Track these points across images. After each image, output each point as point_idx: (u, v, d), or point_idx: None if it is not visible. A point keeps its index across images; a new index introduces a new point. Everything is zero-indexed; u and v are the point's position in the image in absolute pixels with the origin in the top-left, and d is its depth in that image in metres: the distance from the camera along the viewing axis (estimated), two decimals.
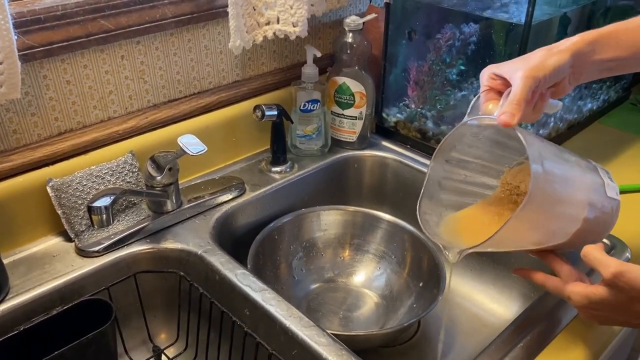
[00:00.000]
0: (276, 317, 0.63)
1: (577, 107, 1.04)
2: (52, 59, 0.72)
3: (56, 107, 0.74)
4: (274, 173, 0.91)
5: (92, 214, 0.64)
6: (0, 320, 0.64)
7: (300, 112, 0.92)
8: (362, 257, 0.89)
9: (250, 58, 0.93)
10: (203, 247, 0.74)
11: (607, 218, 0.59)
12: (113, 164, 0.77)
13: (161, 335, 0.79)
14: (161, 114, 0.83)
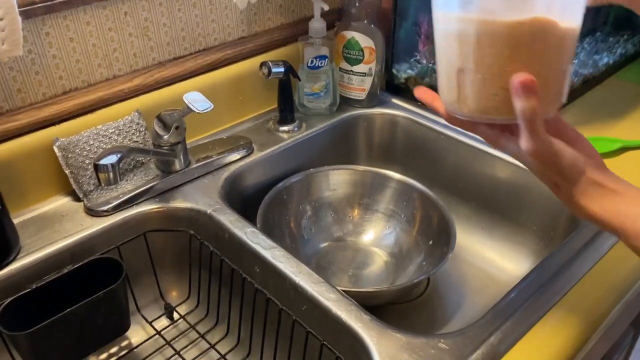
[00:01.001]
0: (286, 274, 0.63)
1: (593, 62, 1.01)
2: (54, 15, 0.70)
3: (60, 66, 0.73)
4: (281, 132, 0.90)
5: (99, 172, 0.64)
6: (12, 278, 0.65)
7: (308, 68, 0.90)
8: (371, 216, 0.88)
9: (256, 13, 0.90)
10: (212, 206, 0.74)
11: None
12: (120, 123, 0.76)
13: (172, 292, 0.80)
14: (167, 71, 0.81)
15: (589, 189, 0.46)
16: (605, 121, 0.92)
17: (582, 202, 0.46)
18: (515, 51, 0.43)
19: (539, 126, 0.43)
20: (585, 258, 0.65)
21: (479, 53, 0.44)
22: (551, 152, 0.44)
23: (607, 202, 0.45)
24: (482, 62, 0.44)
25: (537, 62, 0.43)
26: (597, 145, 0.84)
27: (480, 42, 0.44)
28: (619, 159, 0.83)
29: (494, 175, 0.85)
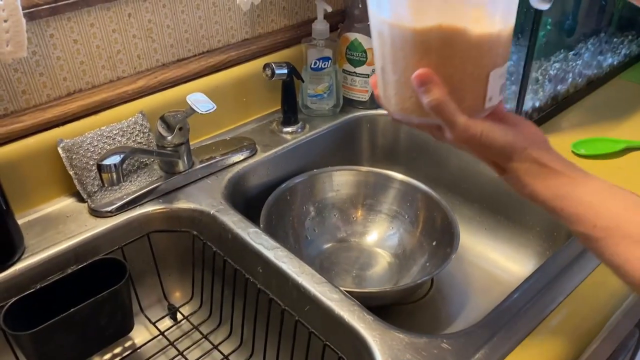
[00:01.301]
0: (288, 274, 0.63)
1: (597, 62, 1.01)
2: (58, 17, 0.70)
3: (64, 67, 0.74)
4: (285, 134, 0.90)
5: (102, 172, 0.64)
6: (16, 279, 0.65)
7: (311, 70, 0.91)
8: (374, 217, 0.88)
9: (260, 15, 0.91)
10: (215, 207, 0.74)
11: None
12: (123, 124, 0.77)
13: (176, 293, 0.80)
14: (170, 73, 0.82)
15: (532, 168, 0.45)
16: (609, 122, 0.92)
17: (525, 180, 0.46)
18: (425, 56, 0.44)
19: (453, 116, 0.44)
20: (588, 259, 0.65)
21: (394, 55, 0.45)
22: (476, 136, 0.45)
23: (550, 183, 0.45)
24: (397, 64, 0.46)
25: (448, 66, 0.44)
26: (601, 145, 0.84)
27: (394, 45, 0.45)
28: (622, 159, 0.83)
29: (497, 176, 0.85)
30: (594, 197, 0.44)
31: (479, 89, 0.46)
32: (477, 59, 0.44)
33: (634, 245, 0.41)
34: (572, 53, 0.95)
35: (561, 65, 0.93)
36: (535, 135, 0.47)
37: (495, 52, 0.45)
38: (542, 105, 0.91)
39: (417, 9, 0.43)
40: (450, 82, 0.44)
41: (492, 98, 0.46)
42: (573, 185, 0.45)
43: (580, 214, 0.44)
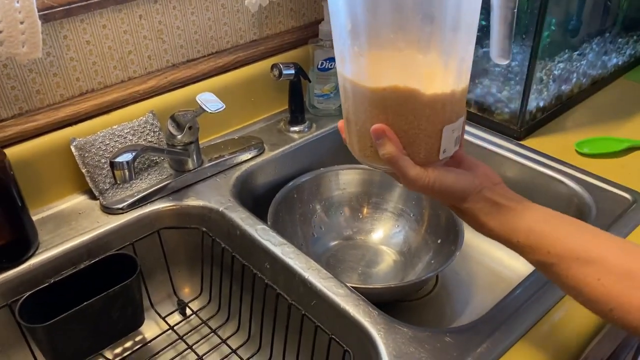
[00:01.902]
0: (295, 270, 0.65)
1: (602, 62, 1.02)
2: (72, 18, 0.72)
3: (77, 68, 0.75)
4: (292, 133, 0.92)
5: (115, 169, 0.66)
6: (31, 273, 0.67)
7: (318, 70, 0.92)
8: (380, 215, 0.89)
9: (267, 16, 0.92)
10: (224, 204, 0.75)
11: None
12: (134, 123, 0.78)
13: (185, 289, 0.82)
14: (180, 73, 0.84)
15: (485, 207, 0.49)
16: (613, 121, 0.93)
17: (481, 219, 0.49)
18: (382, 111, 0.47)
19: (405, 168, 0.48)
20: None
21: (355, 108, 0.49)
22: (428, 185, 0.48)
23: (503, 218, 0.48)
24: (359, 116, 0.49)
25: (403, 122, 0.47)
26: (604, 145, 0.85)
27: (355, 100, 0.49)
28: (626, 158, 0.84)
29: (502, 174, 0.86)
30: (544, 226, 0.47)
31: (433, 143, 0.49)
32: (430, 117, 0.47)
33: (583, 266, 0.44)
34: (577, 53, 0.96)
35: (565, 65, 0.93)
36: (489, 176, 0.51)
37: (449, 109, 0.48)
38: (546, 105, 0.92)
39: (373, 72, 0.46)
40: (404, 136, 0.48)
41: (446, 150, 0.50)
42: (523, 218, 0.48)
43: (533, 244, 0.47)
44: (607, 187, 0.77)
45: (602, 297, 0.44)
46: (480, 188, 0.49)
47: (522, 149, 0.86)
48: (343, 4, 0.46)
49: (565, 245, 0.46)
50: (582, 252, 0.45)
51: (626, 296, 0.42)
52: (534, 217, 0.48)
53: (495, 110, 0.92)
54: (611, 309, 0.43)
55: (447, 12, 0.44)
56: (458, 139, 0.51)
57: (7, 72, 0.70)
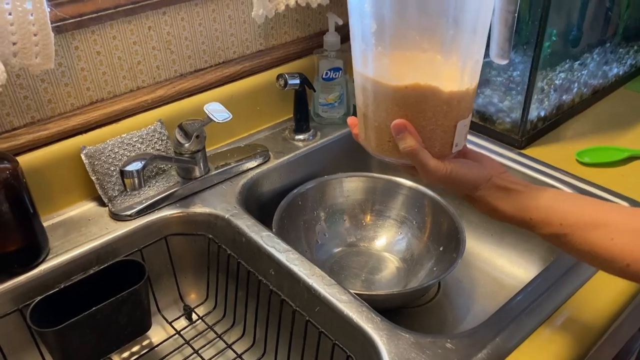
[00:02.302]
0: (300, 276, 0.66)
1: (602, 72, 1.03)
2: (83, 30, 0.74)
3: (88, 77, 0.77)
4: (297, 141, 0.93)
5: (125, 178, 0.67)
6: (42, 278, 0.68)
7: (323, 80, 0.94)
8: (383, 222, 0.91)
9: (273, 27, 0.94)
10: (230, 211, 0.77)
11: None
12: (143, 132, 0.80)
13: (191, 295, 0.83)
14: (188, 83, 0.85)
15: (497, 193, 0.53)
16: (614, 131, 0.94)
17: (494, 204, 0.53)
18: (403, 108, 0.50)
19: (425, 160, 0.51)
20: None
21: (375, 106, 0.52)
22: (446, 175, 0.52)
23: (514, 201, 0.53)
24: (378, 113, 0.52)
25: (422, 118, 0.51)
26: (604, 154, 0.86)
27: (376, 98, 0.52)
28: (626, 167, 0.85)
29: None
30: (553, 202, 0.51)
31: (448, 137, 0.53)
32: (447, 113, 0.51)
33: (595, 230, 0.48)
34: (578, 63, 0.97)
35: (566, 75, 0.95)
36: (495, 166, 0.56)
37: (463, 106, 0.52)
38: (547, 114, 0.93)
39: (396, 71, 0.50)
40: (422, 131, 0.51)
41: (457, 144, 0.54)
42: (533, 198, 0.52)
43: (545, 218, 0.51)
44: (607, 196, 0.78)
45: (618, 255, 0.46)
46: (490, 177, 0.54)
47: (524, 158, 0.87)
48: (370, 6, 0.49)
49: (575, 215, 0.49)
50: (592, 219, 0.48)
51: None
52: (542, 195, 0.52)
53: (496, 120, 0.93)
54: (628, 264, 0.46)
55: (469, 15, 0.47)
56: (467, 133, 0.54)
57: (19, 82, 0.72)
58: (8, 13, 0.62)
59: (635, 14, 1.08)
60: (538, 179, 0.83)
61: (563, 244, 0.50)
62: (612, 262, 0.47)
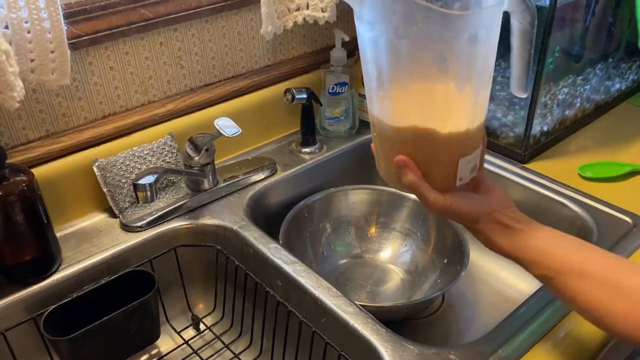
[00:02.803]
0: (306, 288, 0.67)
1: (605, 87, 1.04)
2: (97, 46, 0.76)
3: (101, 92, 0.79)
4: (303, 154, 0.95)
5: (138, 191, 0.69)
6: (54, 288, 0.70)
7: (329, 94, 0.96)
8: (388, 234, 0.92)
9: (281, 43, 0.96)
10: (238, 223, 0.79)
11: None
12: (154, 145, 0.82)
13: (199, 305, 0.85)
14: (197, 97, 0.87)
15: (496, 228, 0.55)
16: (616, 146, 0.95)
17: (492, 238, 0.55)
18: (403, 146, 0.54)
19: (425, 193, 0.54)
20: None
21: (381, 140, 0.56)
22: (445, 207, 0.54)
23: (512, 238, 0.54)
24: (383, 146, 0.56)
25: (422, 154, 0.53)
26: (606, 169, 0.87)
27: (380, 134, 0.55)
28: (627, 182, 0.86)
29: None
30: (546, 244, 0.53)
31: (450, 172, 0.54)
32: (446, 151, 0.53)
33: (578, 279, 0.50)
34: (580, 78, 0.99)
35: (569, 90, 0.96)
36: (501, 200, 0.57)
37: (464, 144, 0.54)
38: (550, 129, 0.95)
39: (395, 113, 0.53)
40: (423, 166, 0.53)
41: (462, 178, 0.55)
42: (530, 238, 0.54)
43: (536, 260, 0.53)
44: (608, 211, 0.79)
45: (594, 306, 0.49)
46: (491, 211, 0.55)
47: (527, 172, 0.89)
48: (370, 54, 0.52)
49: (563, 261, 0.51)
50: (578, 267, 0.51)
51: (613, 304, 0.48)
52: (538, 237, 0.54)
53: (500, 134, 0.95)
54: (601, 316, 0.49)
55: (460, 64, 0.50)
56: (475, 167, 0.56)
57: (35, 96, 0.74)
58: (27, 31, 0.64)
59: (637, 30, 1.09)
60: (541, 193, 0.85)
61: (549, 286, 0.53)
62: (587, 312, 0.50)
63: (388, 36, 0.50)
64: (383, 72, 0.52)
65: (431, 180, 0.54)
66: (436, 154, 0.53)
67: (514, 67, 0.56)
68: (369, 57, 0.53)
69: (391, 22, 0.49)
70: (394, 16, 0.48)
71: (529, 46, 0.54)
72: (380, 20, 0.50)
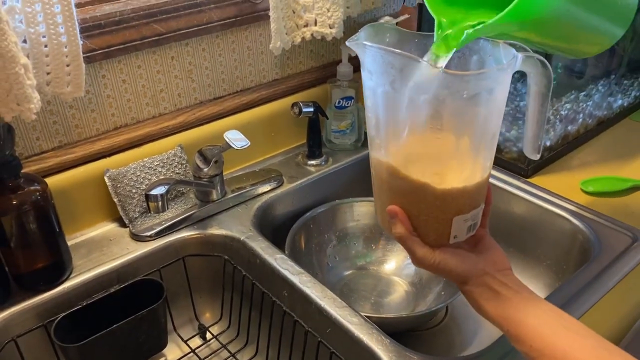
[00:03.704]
0: (312, 298, 0.69)
1: (607, 104, 1.06)
2: (110, 60, 0.79)
3: (113, 104, 0.81)
4: (310, 166, 0.97)
5: (149, 201, 0.71)
6: (65, 296, 0.72)
7: (335, 108, 0.97)
8: (392, 246, 0.93)
9: (289, 58, 0.98)
10: (245, 234, 0.80)
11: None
12: (164, 156, 0.84)
13: (206, 314, 0.86)
14: (207, 110, 0.89)
15: (484, 292, 0.53)
16: (618, 161, 0.96)
17: (479, 302, 0.54)
18: (397, 195, 0.54)
19: (413, 248, 0.53)
20: (593, 291, 0.69)
21: (377, 186, 0.57)
22: (433, 265, 0.53)
23: (499, 306, 0.53)
24: (380, 193, 0.56)
25: (415, 208, 0.53)
26: (608, 184, 0.88)
27: (377, 179, 0.56)
28: (629, 197, 0.87)
29: (510, 210, 0.90)
30: (533, 320, 0.51)
31: (444, 229, 0.53)
32: (440, 207, 0.52)
33: None
34: (583, 94, 1.00)
35: (572, 105, 0.98)
36: (496, 262, 0.55)
37: (461, 202, 0.53)
38: (553, 144, 0.96)
39: (391, 162, 0.53)
40: (416, 219, 0.53)
41: (457, 236, 0.54)
42: (516, 309, 0.52)
43: (520, 335, 0.51)
44: (610, 225, 0.80)
45: None
46: (483, 273, 0.54)
47: (530, 186, 0.90)
48: (370, 102, 0.53)
49: (548, 344, 0.49)
50: (561, 352, 0.48)
51: None
52: (525, 310, 0.52)
53: (504, 149, 0.96)
54: None
55: (457, 122, 0.50)
56: (472, 227, 0.55)
57: (50, 108, 0.76)
58: (44, 45, 0.66)
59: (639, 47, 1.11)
60: (543, 207, 0.86)
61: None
62: None
63: (385, 88, 0.50)
64: (380, 121, 0.52)
65: (423, 235, 0.53)
66: (429, 210, 0.52)
67: (528, 128, 0.56)
68: (369, 103, 0.53)
69: (389, 75, 0.49)
70: (392, 69, 0.48)
71: (544, 109, 0.53)
72: (378, 71, 0.50)
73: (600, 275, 0.71)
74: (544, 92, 0.52)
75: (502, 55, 0.52)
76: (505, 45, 0.51)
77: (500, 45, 0.52)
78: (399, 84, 0.48)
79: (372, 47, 0.49)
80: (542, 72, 0.51)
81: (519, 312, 0.51)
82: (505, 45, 0.51)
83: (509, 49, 0.51)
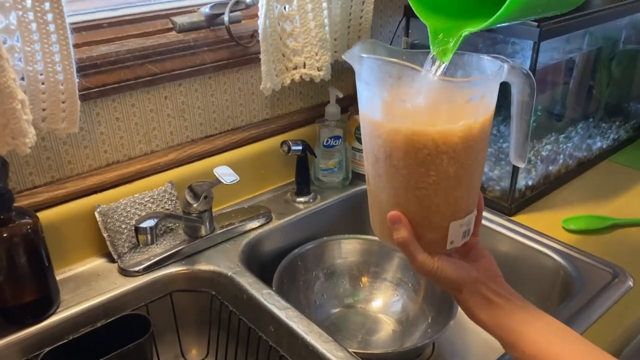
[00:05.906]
0: (298, 333, 0.69)
1: (587, 145, 1.09)
2: (105, 98, 0.81)
3: (106, 141, 0.83)
4: (298, 203, 0.98)
5: (139, 234, 0.72)
6: (52, 330, 0.71)
7: (324, 147, 1.00)
8: (380, 284, 0.94)
9: (279, 98, 1.02)
10: (233, 269, 0.81)
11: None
12: (154, 192, 0.85)
13: (192, 351, 0.85)
14: (198, 148, 0.91)
15: (479, 300, 0.55)
16: (598, 200, 0.99)
17: (473, 310, 0.55)
18: (397, 203, 0.55)
19: (414, 253, 0.54)
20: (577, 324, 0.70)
21: (374, 195, 0.58)
22: (431, 271, 0.55)
23: (491, 314, 0.54)
24: (378, 202, 0.57)
25: (413, 214, 0.54)
26: (589, 222, 0.91)
27: (375, 189, 0.57)
28: (609, 235, 0.89)
29: (494, 248, 0.92)
30: (525, 327, 0.53)
31: (439, 234, 0.56)
32: (438, 213, 0.54)
33: None
34: (563, 136, 1.04)
35: (552, 147, 1.01)
36: (489, 270, 0.57)
37: (457, 208, 0.55)
38: (534, 183, 0.99)
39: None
40: (415, 226, 0.55)
41: (453, 242, 0.56)
42: (509, 317, 0.54)
43: (513, 342, 0.52)
44: (591, 262, 0.82)
45: None
46: (476, 281, 0.55)
47: (513, 224, 0.92)
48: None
49: (540, 350, 0.51)
50: (552, 358, 0.50)
51: None
52: (517, 316, 0.53)
53: (487, 188, 0.98)
54: None
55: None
56: (467, 232, 0.57)
57: (44, 144, 0.78)
58: (42, 83, 0.69)
59: (615, 92, 1.16)
60: (526, 244, 0.87)
61: None
62: None
63: (382, 97, 0.53)
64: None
65: (422, 242, 0.55)
66: (424, 214, 0.54)
67: (513, 137, 0.58)
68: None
69: (385, 84, 0.52)
70: (389, 78, 0.52)
71: (528, 117, 0.56)
72: (375, 81, 0.53)
73: (583, 310, 0.73)
74: (527, 100, 0.55)
75: (487, 68, 0.55)
76: (490, 59, 0.54)
77: (485, 59, 0.55)
78: (396, 92, 0.52)
79: (370, 59, 0.53)
80: (525, 81, 0.54)
81: (512, 320, 0.53)
82: (490, 59, 0.54)
83: (494, 61, 0.54)
